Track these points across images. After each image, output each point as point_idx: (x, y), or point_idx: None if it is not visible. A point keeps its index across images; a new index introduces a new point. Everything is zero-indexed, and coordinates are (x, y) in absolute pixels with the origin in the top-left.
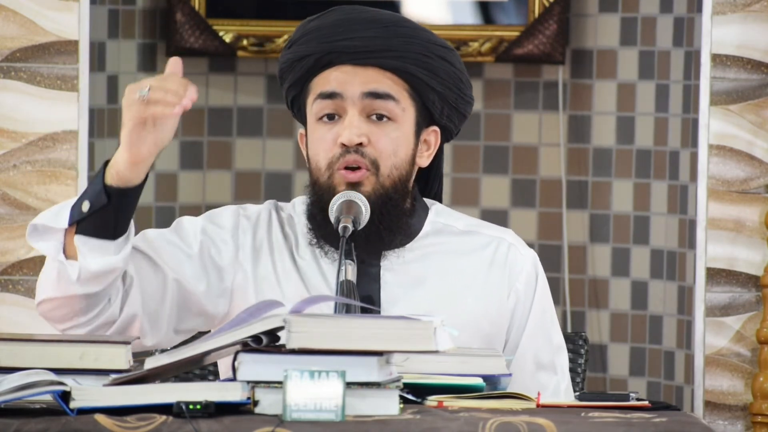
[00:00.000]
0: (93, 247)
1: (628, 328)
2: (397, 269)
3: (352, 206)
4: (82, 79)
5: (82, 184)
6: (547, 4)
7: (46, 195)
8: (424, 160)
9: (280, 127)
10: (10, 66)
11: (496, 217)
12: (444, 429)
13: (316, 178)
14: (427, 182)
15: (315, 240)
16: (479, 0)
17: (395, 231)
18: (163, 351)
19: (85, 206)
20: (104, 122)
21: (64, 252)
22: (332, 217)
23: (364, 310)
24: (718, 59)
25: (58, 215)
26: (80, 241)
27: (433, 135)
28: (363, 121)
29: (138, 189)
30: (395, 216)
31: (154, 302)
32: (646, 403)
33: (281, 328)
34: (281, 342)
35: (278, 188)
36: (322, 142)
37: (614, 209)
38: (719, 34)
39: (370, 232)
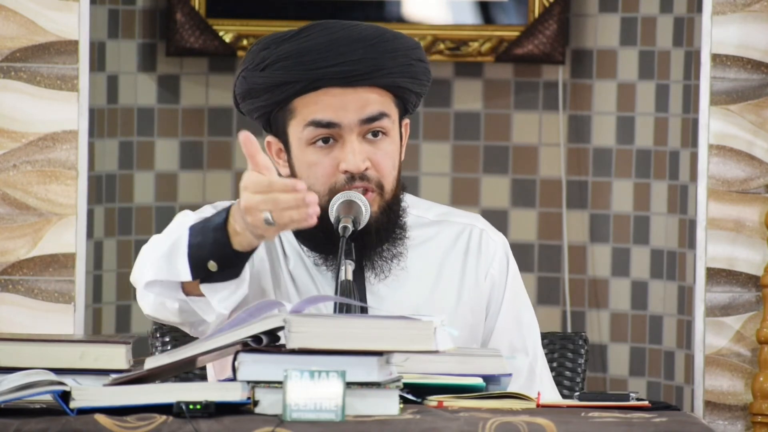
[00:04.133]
0: (220, 288)
1: (628, 328)
2: (378, 268)
3: (352, 206)
4: (82, 79)
5: (82, 184)
6: (547, 4)
7: (46, 195)
8: (402, 154)
9: None
10: (10, 66)
11: (496, 217)
12: (444, 429)
13: None
14: None
15: (305, 257)
16: (479, 0)
17: (392, 233)
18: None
19: (212, 266)
20: (104, 122)
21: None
22: (332, 217)
23: (363, 310)
24: (718, 59)
25: (172, 265)
26: (208, 290)
27: (405, 127)
28: (362, 142)
29: None
30: (395, 222)
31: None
32: (646, 403)
33: (281, 328)
34: (281, 342)
35: None
36: (319, 168)
37: (614, 209)
38: (719, 34)
39: (364, 238)
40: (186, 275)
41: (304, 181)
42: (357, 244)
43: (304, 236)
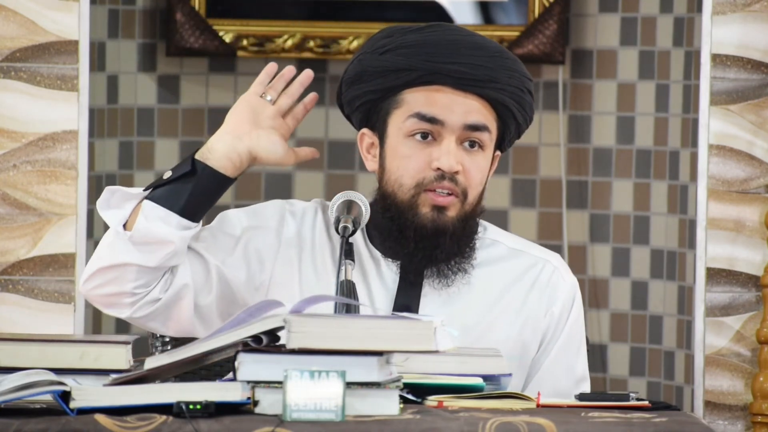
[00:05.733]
0: (158, 216)
1: (628, 328)
2: (439, 283)
3: (352, 206)
4: (82, 79)
5: (82, 184)
6: (547, 4)
7: (46, 195)
8: (487, 182)
9: None
10: (10, 66)
11: (496, 217)
12: (444, 429)
13: (393, 191)
14: None
15: (370, 249)
16: (479, 0)
17: (464, 246)
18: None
19: (167, 174)
20: (104, 122)
21: (125, 226)
22: (332, 217)
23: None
24: (718, 59)
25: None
26: (147, 206)
27: (495, 158)
28: (458, 148)
29: (224, 180)
30: (469, 236)
31: (202, 287)
32: (646, 403)
33: (281, 328)
34: (281, 342)
35: (278, 188)
36: (411, 160)
37: (614, 209)
38: (719, 34)
39: (438, 238)
40: (141, 190)
41: (394, 172)
42: (427, 248)
43: (376, 232)
